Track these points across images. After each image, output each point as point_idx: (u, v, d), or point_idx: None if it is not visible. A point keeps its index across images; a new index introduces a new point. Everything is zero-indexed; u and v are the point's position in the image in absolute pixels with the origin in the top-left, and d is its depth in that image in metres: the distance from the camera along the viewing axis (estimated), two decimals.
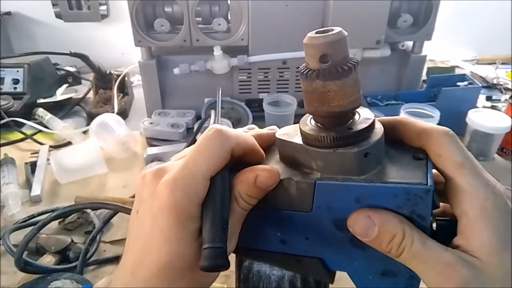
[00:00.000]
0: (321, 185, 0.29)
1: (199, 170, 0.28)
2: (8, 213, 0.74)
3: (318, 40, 0.27)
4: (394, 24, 1.04)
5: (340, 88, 0.28)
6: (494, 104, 1.19)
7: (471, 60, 1.54)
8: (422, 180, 0.27)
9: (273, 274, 0.36)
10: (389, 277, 0.31)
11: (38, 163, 0.91)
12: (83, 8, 1.41)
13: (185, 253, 0.28)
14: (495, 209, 0.27)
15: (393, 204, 0.28)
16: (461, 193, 0.27)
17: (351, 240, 0.30)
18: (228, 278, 0.62)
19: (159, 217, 0.28)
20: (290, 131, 0.32)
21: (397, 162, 0.30)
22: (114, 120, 0.98)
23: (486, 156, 0.93)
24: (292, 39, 0.98)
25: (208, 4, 1.01)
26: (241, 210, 0.30)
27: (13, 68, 1.19)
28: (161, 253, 0.28)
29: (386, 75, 1.14)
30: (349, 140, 0.28)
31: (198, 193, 0.28)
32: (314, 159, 0.29)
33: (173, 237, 0.27)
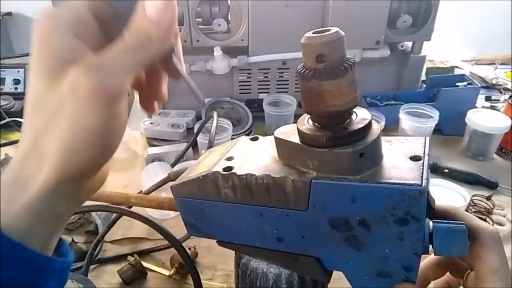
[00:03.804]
0: (317, 184, 0.29)
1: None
2: None
3: (315, 40, 0.27)
4: (394, 24, 1.04)
5: (336, 88, 0.28)
6: (493, 104, 1.20)
7: (470, 61, 1.54)
8: (417, 181, 0.27)
9: (270, 272, 0.36)
10: (384, 278, 0.31)
11: None
12: None
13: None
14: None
15: (388, 205, 0.28)
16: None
17: (347, 240, 0.30)
18: (228, 277, 0.62)
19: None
20: (288, 130, 0.33)
21: (393, 162, 0.30)
22: None
23: (485, 156, 0.93)
24: (292, 40, 0.99)
25: (208, 5, 1.01)
26: (133, 50, 0.25)
27: (14, 68, 1.19)
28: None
29: (385, 76, 1.14)
30: (345, 139, 0.29)
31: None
32: (310, 158, 0.30)
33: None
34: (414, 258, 0.29)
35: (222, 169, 0.33)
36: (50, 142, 0.24)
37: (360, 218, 0.29)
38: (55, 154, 0.24)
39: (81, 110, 0.23)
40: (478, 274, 0.30)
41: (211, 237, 0.38)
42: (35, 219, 0.26)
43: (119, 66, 0.24)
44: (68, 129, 0.24)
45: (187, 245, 0.63)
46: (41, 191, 0.25)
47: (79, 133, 0.24)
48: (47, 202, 0.25)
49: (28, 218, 0.25)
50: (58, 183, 0.25)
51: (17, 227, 0.25)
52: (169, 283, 0.61)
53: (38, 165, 0.25)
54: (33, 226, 0.26)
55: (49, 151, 0.24)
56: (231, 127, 0.93)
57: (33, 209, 0.25)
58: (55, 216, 0.27)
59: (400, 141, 0.33)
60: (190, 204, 0.36)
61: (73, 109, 0.23)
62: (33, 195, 0.25)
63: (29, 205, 0.25)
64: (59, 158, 0.24)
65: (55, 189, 0.25)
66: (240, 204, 0.33)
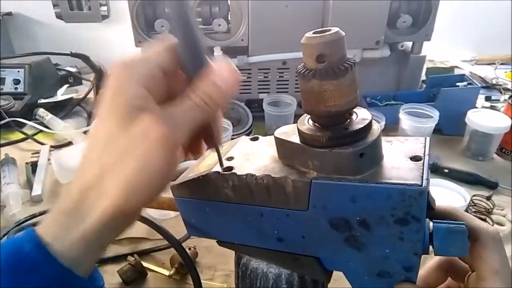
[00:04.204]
0: (317, 184, 0.29)
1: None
2: (9, 213, 0.74)
3: (315, 40, 0.27)
4: (394, 24, 1.04)
5: (336, 88, 0.28)
6: (493, 104, 1.20)
7: (470, 61, 1.54)
8: (417, 181, 0.27)
9: (270, 272, 0.36)
10: (385, 278, 0.31)
11: (39, 163, 0.91)
12: (84, 9, 1.41)
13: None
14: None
15: (388, 205, 0.28)
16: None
17: (347, 240, 0.30)
18: (228, 277, 0.62)
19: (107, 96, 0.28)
20: (288, 130, 0.33)
21: (394, 162, 0.30)
22: None
23: (485, 156, 0.93)
24: (292, 40, 0.98)
25: (208, 5, 1.02)
26: (198, 111, 0.29)
27: (14, 68, 1.19)
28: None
29: (385, 76, 1.14)
30: (345, 140, 0.29)
31: (139, 71, 0.28)
32: (310, 158, 0.30)
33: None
34: (414, 258, 0.29)
35: (222, 169, 0.33)
36: (115, 179, 0.27)
37: (360, 218, 0.29)
38: (117, 190, 0.26)
39: (150, 152, 0.26)
40: (479, 275, 0.30)
41: (211, 237, 0.38)
42: (86, 249, 0.28)
43: (184, 120, 0.28)
44: (135, 168, 0.26)
45: (187, 245, 0.63)
46: (98, 223, 0.27)
47: (145, 172, 0.27)
48: (101, 234, 0.28)
49: (81, 247, 0.27)
50: (114, 217, 0.27)
51: (70, 254, 0.27)
52: (169, 283, 0.61)
53: (98, 198, 0.27)
54: (84, 255, 0.28)
55: (111, 186, 0.27)
56: (231, 127, 0.93)
57: (87, 240, 0.27)
58: (103, 246, 0.30)
59: (400, 141, 0.33)
60: (190, 204, 0.36)
61: (143, 151, 0.26)
62: (89, 226, 0.27)
63: (84, 235, 0.27)
64: (121, 193, 0.26)
65: (110, 222, 0.27)
66: (240, 204, 0.33)
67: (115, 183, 0.27)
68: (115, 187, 0.27)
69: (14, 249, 0.27)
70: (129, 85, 0.27)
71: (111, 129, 0.27)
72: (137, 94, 0.27)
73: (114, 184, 0.27)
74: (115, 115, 0.27)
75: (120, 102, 0.27)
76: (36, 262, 0.27)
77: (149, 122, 0.26)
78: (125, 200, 0.27)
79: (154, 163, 0.27)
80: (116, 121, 0.27)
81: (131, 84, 0.27)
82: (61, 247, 0.27)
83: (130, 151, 0.26)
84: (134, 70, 0.28)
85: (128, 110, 0.27)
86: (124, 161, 0.27)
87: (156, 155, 0.26)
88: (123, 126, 0.27)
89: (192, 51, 0.29)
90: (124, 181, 0.26)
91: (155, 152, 0.26)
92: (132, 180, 0.26)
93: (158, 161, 0.27)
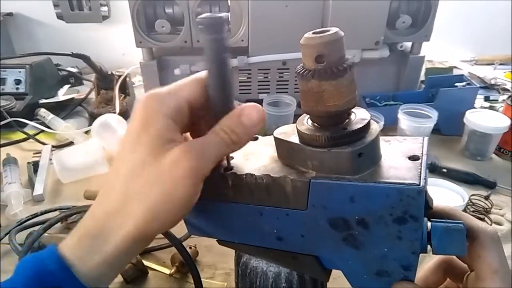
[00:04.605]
0: (316, 184, 0.30)
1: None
2: (11, 212, 0.75)
3: (314, 40, 0.28)
4: (393, 25, 1.04)
5: (335, 88, 0.28)
6: (492, 104, 1.20)
7: (469, 61, 1.54)
8: (415, 180, 0.27)
9: (270, 271, 0.36)
10: (383, 277, 0.31)
11: (41, 163, 0.91)
12: (84, 9, 1.41)
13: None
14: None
15: (386, 204, 0.28)
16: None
17: (345, 239, 0.31)
18: (228, 276, 0.62)
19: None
20: (287, 130, 0.33)
21: (392, 162, 0.30)
22: (116, 120, 0.99)
23: (484, 156, 0.93)
24: (292, 40, 0.98)
25: (208, 5, 1.02)
26: (223, 146, 0.30)
27: (15, 68, 1.19)
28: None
29: (384, 76, 1.15)
30: (344, 139, 0.29)
31: (167, 104, 0.29)
32: (309, 158, 0.30)
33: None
34: (413, 257, 0.29)
35: (222, 169, 0.33)
36: (140, 204, 0.28)
37: (359, 217, 0.29)
38: (141, 215, 0.28)
39: (178, 183, 0.28)
40: (478, 275, 0.30)
41: (211, 236, 0.38)
42: (108, 270, 0.29)
43: (211, 154, 0.29)
44: (161, 196, 0.28)
45: (187, 244, 0.64)
46: (120, 246, 0.28)
47: (170, 200, 0.28)
48: (122, 256, 0.29)
49: (103, 269, 0.29)
50: (135, 240, 0.29)
51: (92, 275, 0.28)
52: (170, 282, 0.62)
53: (122, 222, 0.28)
54: (104, 276, 0.29)
55: (136, 211, 0.28)
56: None
57: (109, 262, 0.29)
58: (120, 267, 0.31)
59: (399, 141, 0.33)
60: None
61: (171, 181, 0.28)
62: (111, 250, 0.29)
63: (106, 258, 0.29)
64: (144, 218, 0.28)
65: (131, 245, 0.29)
66: (240, 203, 0.33)
67: (140, 208, 0.28)
68: (139, 212, 0.28)
69: (38, 268, 0.28)
70: (158, 117, 0.28)
71: (141, 158, 0.28)
72: (167, 126, 0.29)
73: (139, 209, 0.28)
74: (145, 144, 0.28)
75: (150, 133, 0.28)
76: (61, 283, 0.28)
77: (179, 155, 0.28)
78: (148, 224, 0.28)
79: (179, 193, 0.28)
80: (147, 151, 0.28)
81: (159, 116, 0.28)
82: (84, 268, 0.28)
83: (158, 180, 0.28)
84: (163, 103, 0.29)
85: (160, 142, 0.28)
86: (152, 188, 0.28)
87: (182, 185, 0.28)
88: (154, 156, 0.28)
89: (223, 89, 0.30)
90: (149, 206, 0.28)
91: (182, 182, 0.28)
92: (156, 206, 0.28)
93: (184, 191, 0.28)
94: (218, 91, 0.30)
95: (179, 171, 0.28)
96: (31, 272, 0.28)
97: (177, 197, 0.28)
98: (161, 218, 0.28)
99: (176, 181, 0.28)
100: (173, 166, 0.28)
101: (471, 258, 0.31)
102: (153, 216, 0.28)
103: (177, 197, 0.28)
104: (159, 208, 0.28)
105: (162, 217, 0.28)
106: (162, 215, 0.28)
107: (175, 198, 0.28)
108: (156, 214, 0.28)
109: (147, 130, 0.28)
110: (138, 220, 0.28)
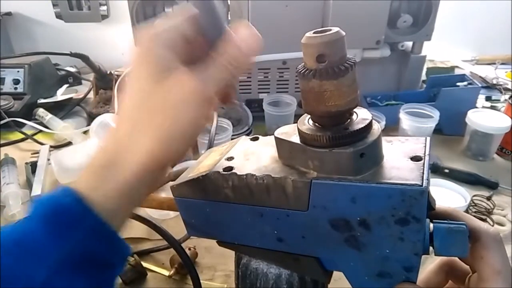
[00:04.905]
0: (317, 184, 0.29)
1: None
2: (9, 213, 0.74)
3: (315, 40, 0.27)
4: (394, 24, 1.04)
5: (336, 88, 0.28)
6: (493, 104, 1.19)
7: (470, 60, 1.54)
8: (418, 181, 0.27)
9: (270, 272, 0.36)
10: (385, 278, 0.31)
11: (39, 163, 0.91)
12: (84, 9, 1.41)
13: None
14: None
15: (388, 205, 0.28)
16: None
17: (347, 240, 0.30)
18: (228, 277, 0.62)
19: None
20: (288, 130, 0.33)
21: (394, 163, 0.30)
22: None
23: (486, 156, 0.93)
24: (292, 40, 0.98)
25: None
26: (224, 71, 0.30)
27: (14, 68, 1.19)
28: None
29: (385, 76, 1.14)
30: (345, 140, 0.29)
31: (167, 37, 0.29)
32: (310, 158, 0.30)
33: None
34: (415, 258, 0.29)
35: (222, 169, 0.33)
36: (149, 131, 0.28)
37: (360, 218, 0.29)
38: (152, 141, 0.28)
39: (184, 104, 0.28)
40: (481, 276, 0.30)
41: (211, 237, 0.38)
42: (121, 201, 0.29)
43: (214, 79, 0.29)
44: (169, 119, 0.28)
45: (187, 246, 0.63)
46: (132, 175, 0.28)
47: (179, 123, 0.28)
48: (134, 187, 0.29)
49: (116, 199, 0.29)
50: (148, 170, 0.29)
51: (106, 206, 0.28)
52: (169, 283, 0.61)
53: (133, 151, 0.28)
54: (118, 208, 0.29)
55: (147, 138, 0.28)
56: (231, 127, 0.93)
57: (122, 192, 0.29)
58: (135, 202, 0.31)
59: (401, 141, 0.33)
60: (190, 204, 0.36)
61: (177, 103, 0.28)
62: (124, 178, 0.28)
63: (119, 187, 0.28)
64: (156, 144, 0.28)
65: (144, 175, 0.29)
66: (240, 204, 0.33)
67: (150, 135, 0.28)
68: (150, 139, 0.28)
69: (53, 204, 0.28)
70: (157, 49, 0.29)
71: (144, 87, 0.29)
72: (165, 56, 0.29)
73: (149, 136, 0.28)
74: (147, 74, 0.29)
75: (150, 62, 0.29)
76: (77, 215, 0.27)
77: (182, 77, 0.28)
78: (160, 149, 0.28)
79: (188, 114, 0.28)
80: (149, 79, 0.28)
81: (158, 47, 0.29)
82: (98, 198, 0.28)
83: (164, 104, 0.28)
84: (160, 36, 0.29)
85: (160, 68, 0.28)
86: (159, 114, 0.28)
87: (189, 106, 0.28)
88: (156, 82, 0.28)
89: (213, 17, 0.30)
90: (159, 132, 0.28)
91: (188, 103, 0.28)
92: (166, 130, 0.28)
93: (189, 113, 0.28)
94: (208, 18, 0.30)
95: (183, 93, 0.28)
96: (47, 209, 0.28)
97: (183, 120, 0.28)
98: (172, 142, 0.28)
99: (181, 103, 0.28)
100: (176, 88, 0.28)
101: (473, 259, 0.31)
102: (162, 142, 0.28)
103: (183, 120, 0.28)
104: (169, 132, 0.28)
105: (173, 141, 0.28)
106: (173, 139, 0.28)
107: (181, 121, 0.28)
108: (164, 139, 0.28)
109: (147, 61, 0.29)
110: (148, 147, 0.28)
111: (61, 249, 0.26)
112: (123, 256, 0.31)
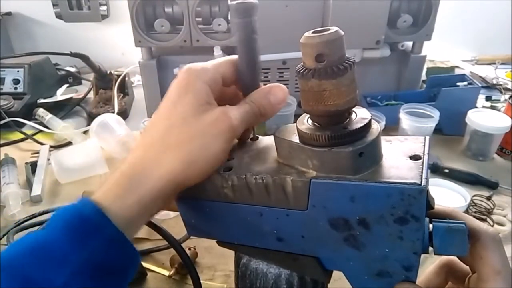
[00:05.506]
0: (316, 183, 0.29)
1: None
2: (9, 213, 0.74)
3: (314, 39, 0.27)
4: (394, 24, 1.04)
5: (335, 88, 0.28)
6: (493, 104, 1.19)
7: (470, 60, 1.54)
8: (417, 180, 0.27)
9: (270, 272, 0.36)
10: (384, 277, 0.31)
11: (39, 163, 0.91)
12: (84, 9, 1.41)
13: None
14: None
15: (388, 204, 0.28)
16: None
17: (346, 240, 0.30)
18: (228, 277, 0.62)
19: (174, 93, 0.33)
20: (288, 130, 0.33)
21: (393, 162, 0.30)
22: (115, 120, 0.98)
23: (486, 156, 0.93)
24: (292, 39, 0.97)
25: (208, 5, 1.01)
26: (253, 115, 0.34)
27: (14, 68, 1.19)
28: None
29: (385, 75, 1.14)
30: (344, 139, 0.29)
31: (206, 73, 0.33)
32: (310, 158, 0.30)
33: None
34: (414, 257, 0.29)
35: (222, 169, 0.33)
36: (178, 153, 0.31)
37: (359, 217, 0.29)
38: (177, 162, 0.31)
39: (216, 138, 0.32)
40: (480, 276, 0.30)
41: (211, 237, 0.38)
42: (139, 212, 0.31)
43: (243, 119, 0.34)
44: (198, 148, 0.31)
45: (187, 246, 0.63)
46: (154, 188, 0.31)
47: (205, 153, 0.32)
48: (153, 200, 0.31)
49: (135, 209, 0.31)
50: (169, 185, 0.31)
51: (125, 215, 0.30)
52: (169, 284, 0.61)
53: (159, 167, 0.31)
54: (136, 219, 0.31)
55: (173, 159, 0.31)
56: None
57: (141, 204, 0.31)
58: (150, 214, 0.33)
59: (400, 140, 0.32)
60: (190, 204, 0.36)
61: (210, 136, 0.32)
62: (145, 191, 0.31)
63: (140, 199, 0.31)
64: (181, 165, 0.31)
65: (165, 189, 0.31)
66: (240, 204, 0.33)
67: (178, 155, 0.31)
68: (177, 159, 0.31)
69: (74, 214, 0.30)
70: (199, 83, 0.33)
71: (182, 115, 0.32)
72: (206, 91, 0.33)
73: (177, 157, 0.31)
74: (187, 104, 0.32)
75: (192, 94, 0.32)
76: (97, 225, 0.29)
77: (219, 114, 0.32)
78: (184, 171, 0.31)
79: (216, 145, 0.32)
80: (188, 109, 0.32)
81: (200, 82, 0.33)
82: (118, 207, 0.30)
83: (199, 133, 0.32)
84: (202, 72, 0.33)
85: (200, 102, 0.32)
86: (192, 140, 0.31)
87: (220, 140, 0.32)
88: (195, 113, 0.32)
89: (252, 69, 0.35)
90: (185, 156, 0.31)
91: (220, 137, 0.32)
92: (194, 155, 0.31)
93: (220, 145, 0.32)
94: (247, 68, 0.34)
95: (219, 127, 0.32)
96: (69, 218, 0.30)
97: (214, 149, 0.32)
98: (196, 167, 0.31)
99: (215, 135, 0.32)
100: (214, 122, 0.32)
101: (473, 259, 0.31)
102: (190, 164, 0.31)
103: (214, 149, 0.32)
104: (197, 157, 0.31)
105: (195, 166, 0.31)
106: (198, 164, 0.31)
107: (212, 150, 0.32)
108: (192, 162, 0.31)
109: (189, 92, 0.32)
110: (175, 166, 0.31)
111: (80, 256, 0.28)
112: (135, 264, 0.33)
